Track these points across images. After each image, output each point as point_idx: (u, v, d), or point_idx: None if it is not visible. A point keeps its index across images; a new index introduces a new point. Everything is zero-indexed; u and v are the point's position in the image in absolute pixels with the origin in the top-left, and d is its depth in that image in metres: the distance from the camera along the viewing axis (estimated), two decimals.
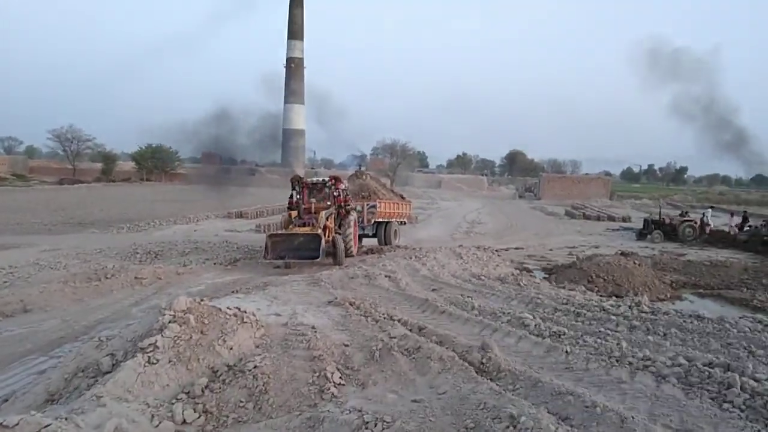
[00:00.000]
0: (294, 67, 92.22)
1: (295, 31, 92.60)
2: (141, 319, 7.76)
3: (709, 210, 30.88)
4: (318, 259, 15.28)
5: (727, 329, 8.42)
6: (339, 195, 17.85)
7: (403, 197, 23.77)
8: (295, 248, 15.51)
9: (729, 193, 79.75)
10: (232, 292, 11.48)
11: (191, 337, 6.44)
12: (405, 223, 23.36)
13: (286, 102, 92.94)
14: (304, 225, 16.16)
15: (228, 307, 7.33)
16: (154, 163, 73.77)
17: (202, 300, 8.50)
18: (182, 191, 51.22)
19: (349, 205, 17.93)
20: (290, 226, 16.25)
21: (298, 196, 17.39)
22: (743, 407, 5.24)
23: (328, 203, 17.57)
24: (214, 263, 16.27)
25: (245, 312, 7.34)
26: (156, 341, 6.22)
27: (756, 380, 5.67)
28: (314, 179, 18.84)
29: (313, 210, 16.73)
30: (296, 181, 17.61)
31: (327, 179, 18.21)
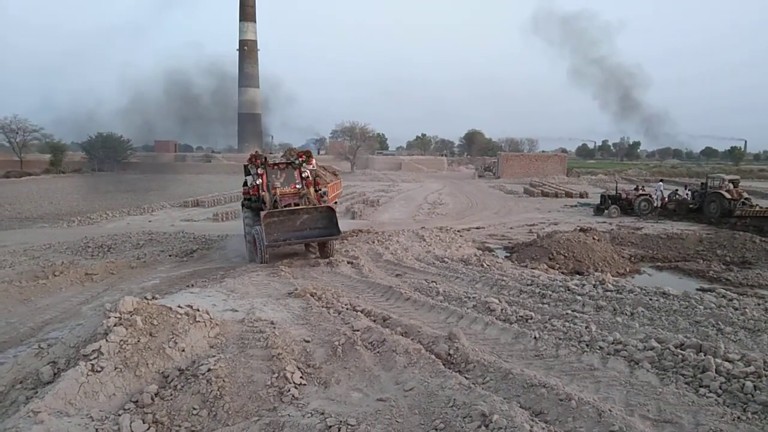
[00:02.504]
0: (247, 50, 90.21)
1: (247, 12, 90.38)
2: (85, 323, 7.24)
3: (661, 183, 31.64)
4: (336, 237, 13.41)
5: (694, 306, 8.41)
6: (308, 177, 14.93)
7: (335, 174, 21.51)
8: (299, 228, 13.24)
9: (681, 167, 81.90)
10: (188, 286, 10.99)
11: (139, 341, 6.00)
12: (337, 203, 22.41)
13: (240, 86, 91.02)
14: (287, 206, 13.66)
15: (179, 306, 6.86)
16: (105, 152, 71.26)
17: (153, 297, 8.07)
18: (136, 180, 49.80)
19: (320, 188, 15.08)
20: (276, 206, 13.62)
21: (257, 181, 14.45)
22: (720, 391, 5.12)
23: (297, 186, 14.64)
24: (170, 255, 15.68)
25: (198, 310, 6.89)
26: (100, 347, 5.76)
27: (729, 361, 5.57)
28: (278, 159, 15.77)
29: (278, 196, 14.06)
30: (257, 161, 14.51)
31: (295, 156, 15.25)
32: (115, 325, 6.04)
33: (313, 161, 15.35)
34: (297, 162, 14.89)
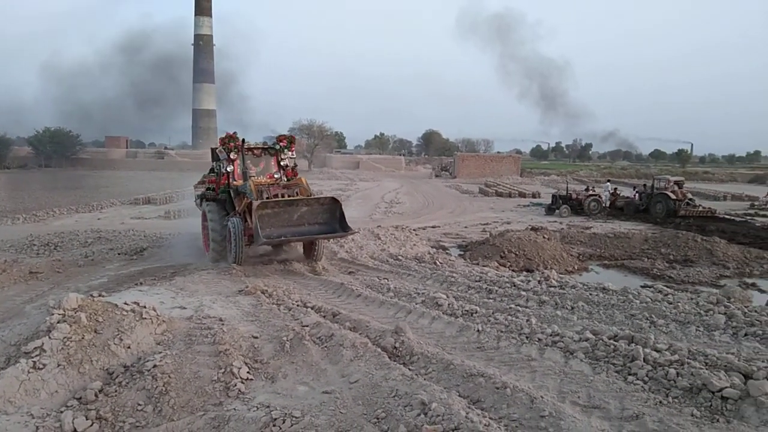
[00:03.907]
0: (203, 44, 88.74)
1: (203, 7, 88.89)
2: (27, 320, 7.09)
3: (608, 184, 32.78)
4: (344, 234, 11.67)
5: (631, 300, 8.77)
6: (288, 165, 13.43)
7: None
8: (296, 223, 11.45)
9: (630, 168, 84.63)
10: (136, 284, 10.83)
11: (83, 338, 5.93)
12: None
13: (195, 81, 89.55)
14: (276, 196, 11.91)
15: (125, 303, 6.80)
16: (53, 147, 68.93)
17: (100, 295, 7.94)
18: (86, 177, 48.46)
19: (299, 178, 13.18)
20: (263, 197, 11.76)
21: (227, 168, 12.87)
22: (646, 379, 5.41)
23: (275, 176, 13.18)
24: (119, 253, 15.34)
25: (144, 307, 6.84)
26: (42, 344, 5.67)
27: (657, 351, 5.90)
28: (255, 143, 13.96)
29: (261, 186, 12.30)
30: (230, 144, 12.78)
31: (275, 141, 13.62)
32: (58, 322, 5.95)
33: (295, 148, 13.80)
34: (276, 147, 13.38)
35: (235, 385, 5.48)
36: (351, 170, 68.43)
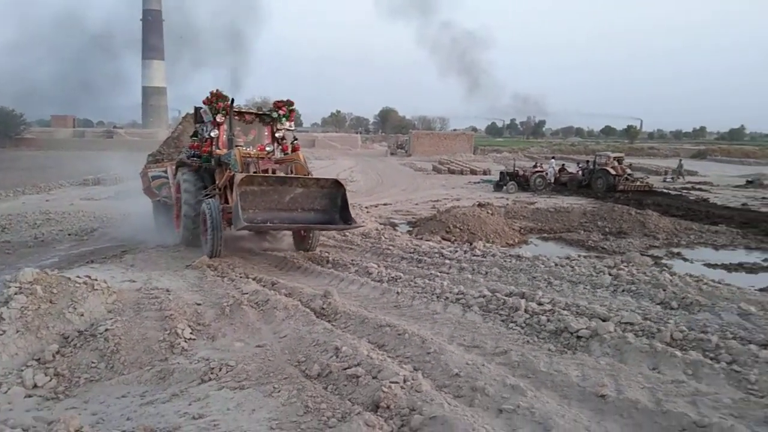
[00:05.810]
0: (151, 20, 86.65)
1: None
2: None
3: (552, 160, 34.20)
4: (346, 228, 10.48)
5: (537, 266, 9.82)
6: (284, 138, 11.94)
7: None
8: (287, 207, 9.77)
9: (580, 145, 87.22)
10: (87, 262, 11.32)
11: (39, 307, 6.54)
12: None
13: (144, 58, 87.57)
14: (264, 172, 10.34)
15: (78, 276, 7.44)
16: None
17: (53, 271, 8.52)
18: (32, 157, 47.34)
19: (296, 153, 11.47)
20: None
21: (212, 132, 11.23)
22: (523, 325, 6.47)
23: (267, 148, 11.66)
24: (69, 234, 15.60)
25: (96, 280, 7.50)
26: (1, 313, 6.27)
27: (539, 303, 6.98)
28: (247, 107, 12.44)
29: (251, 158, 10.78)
30: (219, 104, 10.94)
31: (271, 108, 11.98)
32: (15, 294, 6.55)
33: (293, 118, 12.11)
34: (273, 115, 11.71)
35: (179, 344, 6.25)
36: (306, 149, 68.07)
